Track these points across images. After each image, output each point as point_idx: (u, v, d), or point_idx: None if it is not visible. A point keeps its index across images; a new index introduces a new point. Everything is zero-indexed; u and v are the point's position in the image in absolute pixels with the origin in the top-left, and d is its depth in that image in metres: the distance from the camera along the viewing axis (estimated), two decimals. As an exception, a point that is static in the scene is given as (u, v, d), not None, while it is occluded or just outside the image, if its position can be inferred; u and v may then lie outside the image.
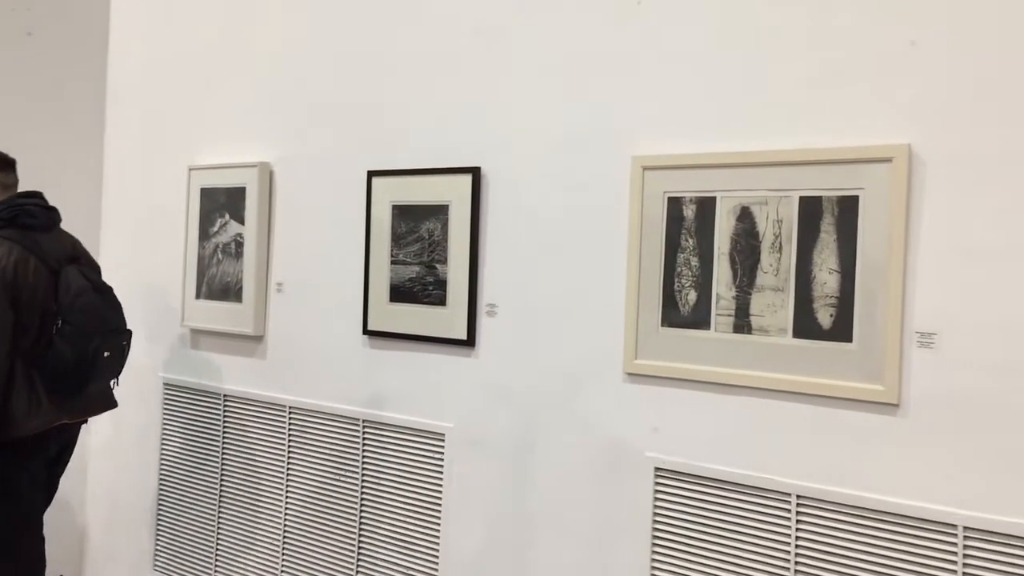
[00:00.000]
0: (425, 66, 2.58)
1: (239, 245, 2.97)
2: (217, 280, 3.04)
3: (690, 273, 2.06)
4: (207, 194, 3.10)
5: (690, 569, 2.06)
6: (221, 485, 3.06)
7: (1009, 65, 1.73)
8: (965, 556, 1.75)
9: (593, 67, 2.26)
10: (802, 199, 1.93)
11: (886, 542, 1.83)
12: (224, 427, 3.06)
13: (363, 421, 2.68)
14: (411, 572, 2.56)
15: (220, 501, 3.06)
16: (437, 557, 2.51)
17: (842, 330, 1.88)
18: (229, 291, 3.00)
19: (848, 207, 1.88)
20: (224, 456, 3.06)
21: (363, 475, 2.68)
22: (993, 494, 1.73)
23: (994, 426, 1.73)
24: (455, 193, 2.47)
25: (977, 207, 1.75)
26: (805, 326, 1.92)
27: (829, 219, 1.90)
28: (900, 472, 1.83)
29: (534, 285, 2.34)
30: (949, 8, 1.79)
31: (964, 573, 1.76)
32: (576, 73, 2.29)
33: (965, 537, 1.75)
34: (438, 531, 2.51)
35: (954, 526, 1.76)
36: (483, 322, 2.44)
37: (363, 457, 2.68)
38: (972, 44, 1.77)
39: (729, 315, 2.01)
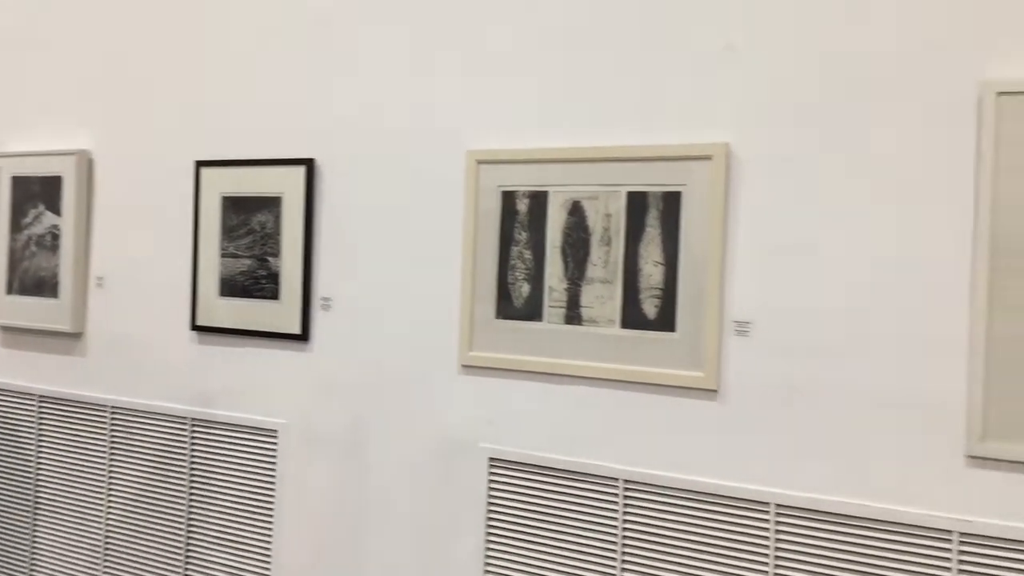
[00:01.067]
0: (258, 53, 2.50)
1: (55, 237, 2.79)
2: (31, 274, 2.84)
3: (523, 266, 2.09)
4: (19, 183, 2.88)
5: (523, 555, 2.10)
6: (36, 492, 2.86)
7: (810, 68, 1.84)
8: (777, 531, 1.85)
9: (429, 60, 2.25)
10: (629, 194, 1.99)
11: (707, 520, 1.93)
12: (40, 430, 2.86)
13: (192, 420, 2.57)
14: (241, 573, 2.47)
15: (35, 509, 2.85)
16: (269, 558, 2.43)
17: (666, 320, 1.95)
18: (44, 286, 2.81)
19: (672, 202, 1.96)
20: (40, 460, 2.85)
21: (192, 475, 2.57)
22: (802, 472, 1.84)
23: (803, 408, 1.84)
24: (288, 185, 2.40)
25: (788, 203, 1.86)
26: (632, 317, 1.98)
27: (654, 214, 1.97)
28: (719, 454, 1.92)
29: (369, 278, 2.32)
30: (765, 12, 1.88)
31: (776, 547, 1.85)
32: (413, 67, 2.27)
33: (777, 513, 1.85)
34: (270, 531, 2.44)
35: (767, 503, 1.86)
36: (317, 316, 2.39)
37: (192, 457, 2.57)
38: (786, 48, 1.86)
39: (561, 307, 2.05)
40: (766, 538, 1.87)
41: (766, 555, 1.87)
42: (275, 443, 2.45)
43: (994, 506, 1.72)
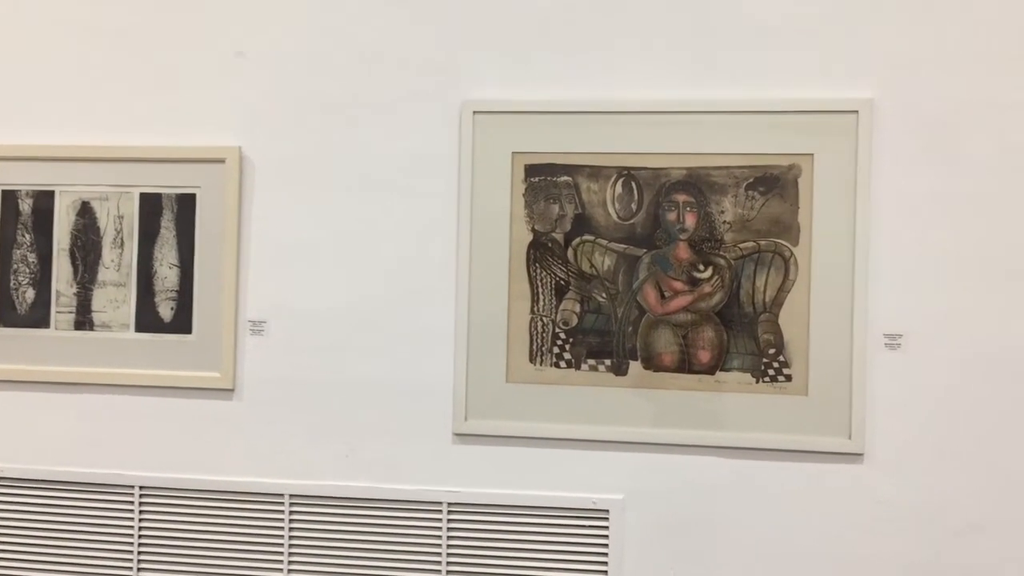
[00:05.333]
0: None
1: None
2: None
3: (28, 270, 1.98)
4: None
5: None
6: None
7: (314, 77, 1.97)
8: (291, 520, 1.92)
9: None
10: (143, 195, 1.97)
11: (227, 517, 1.99)
12: None
13: None
14: None
15: None
16: None
17: (182, 322, 1.96)
18: None
19: (186, 204, 1.96)
20: None
21: None
22: (315, 462, 1.96)
23: (314, 402, 1.94)
24: None
25: (297, 206, 1.97)
26: (147, 320, 1.96)
27: (169, 216, 1.96)
28: (236, 452, 1.96)
29: None
30: (275, 20, 1.94)
31: (291, 535, 1.92)
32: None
33: (291, 504, 1.92)
34: None
35: (282, 495, 1.92)
36: None
37: None
38: (292, 56, 1.96)
39: (70, 312, 1.97)
40: (281, 529, 1.93)
41: (281, 545, 1.93)
42: None
43: (477, 476, 1.92)
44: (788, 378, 1.82)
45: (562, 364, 1.89)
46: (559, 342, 1.89)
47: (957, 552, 1.77)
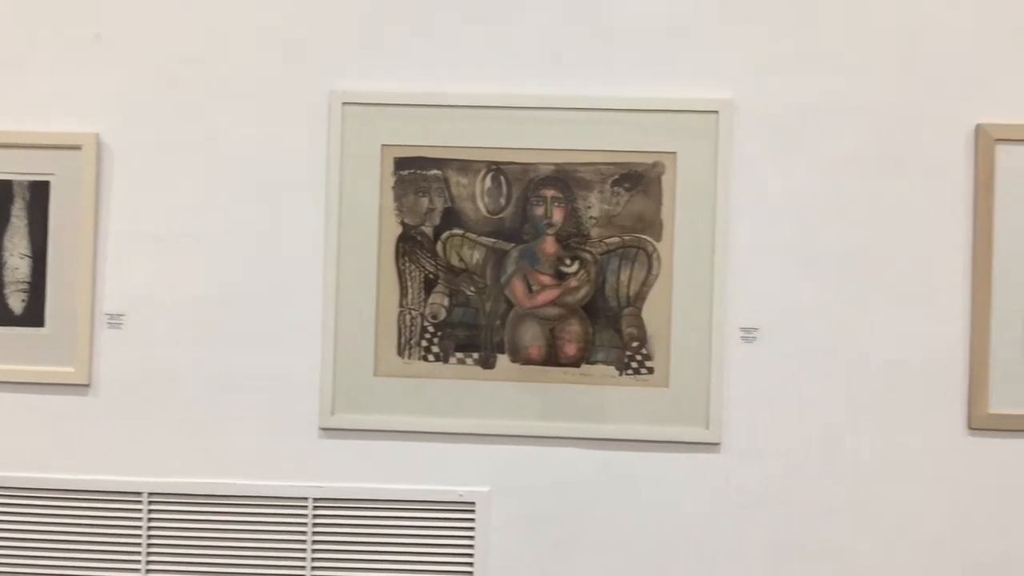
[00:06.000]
0: None
1: None
2: None
3: None
4: None
5: None
6: None
7: (175, 65, 1.93)
8: (150, 519, 1.86)
9: None
10: (-8, 182, 1.87)
11: (82, 516, 1.91)
12: None
13: None
14: None
15: None
16: None
17: (34, 315, 1.88)
18: None
19: (39, 192, 1.89)
20: None
21: None
22: (175, 459, 1.91)
23: (175, 398, 1.88)
24: None
25: (159, 195, 1.92)
26: (-4, 312, 1.87)
27: (20, 204, 1.88)
28: (92, 449, 1.89)
29: None
30: (135, 2, 1.88)
31: (149, 534, 1.86)
32: None
33: (151, 502, 1.86)
34: None
35: (140, 493, 1.86)
36: None
37: None
38: (154, 40, 1.89)
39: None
40: (139, 528, 1.87)
41: (139, 545, 1.87)
42: None
43: (344, 471, 1.90)
44: (650, 370, 1.86)
45: (430, 357, 1.89)
46: (427, 335, 1.89)
47: (812, 534, 1.84)
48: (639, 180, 1.87)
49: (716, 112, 1.86)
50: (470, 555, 1.86)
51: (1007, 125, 1.81)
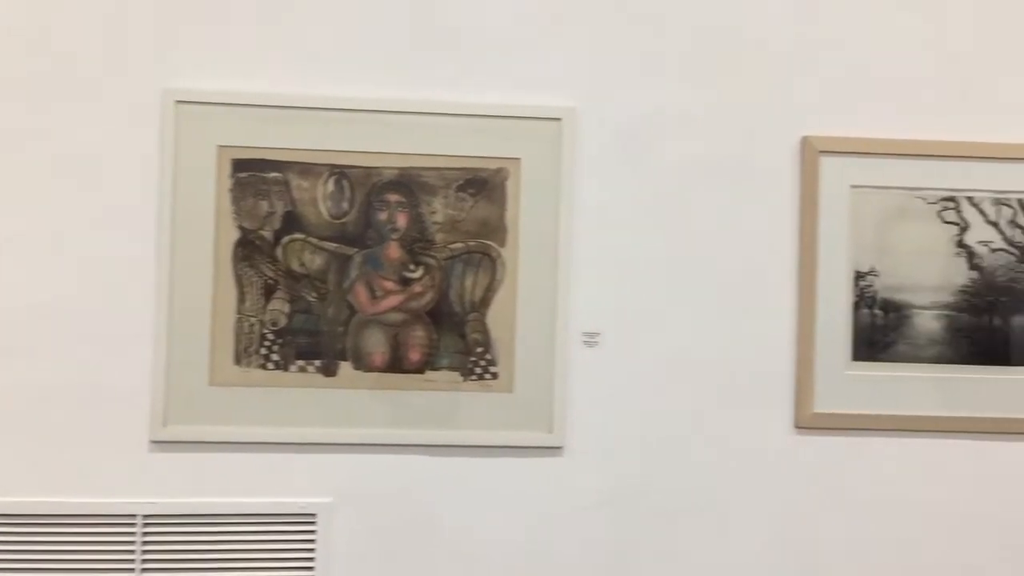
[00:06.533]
0: None
1: None
2: None
3: None
4: None
5: None
6: None
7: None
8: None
9: None
10: None
11: None
12: None
13: None
14: None
15: None
16: None
17: None
18: None
19: None
20: None
21: None
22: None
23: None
24: None
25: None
26: None
27: None
28: None
29: None
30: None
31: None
32: None
33: (-39, 525, 1.73)
34: None
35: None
36: None
37: None
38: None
39: None
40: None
41: (-53, 571, 1.73)
42: None
43: (178, 486, 1.81)
44: (494, 376, 1.86)
45: (270, 365, 1.83)
46: (267, 343, 1.84)
47: (653, 535, 1.88)
48: (484, 185, 1.87)
49: (559, 119, 1.88)
50: (311, 568, 1.81)
51: (830, 138, 1.87)
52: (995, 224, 1.89)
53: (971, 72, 1.93)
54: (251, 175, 1.84)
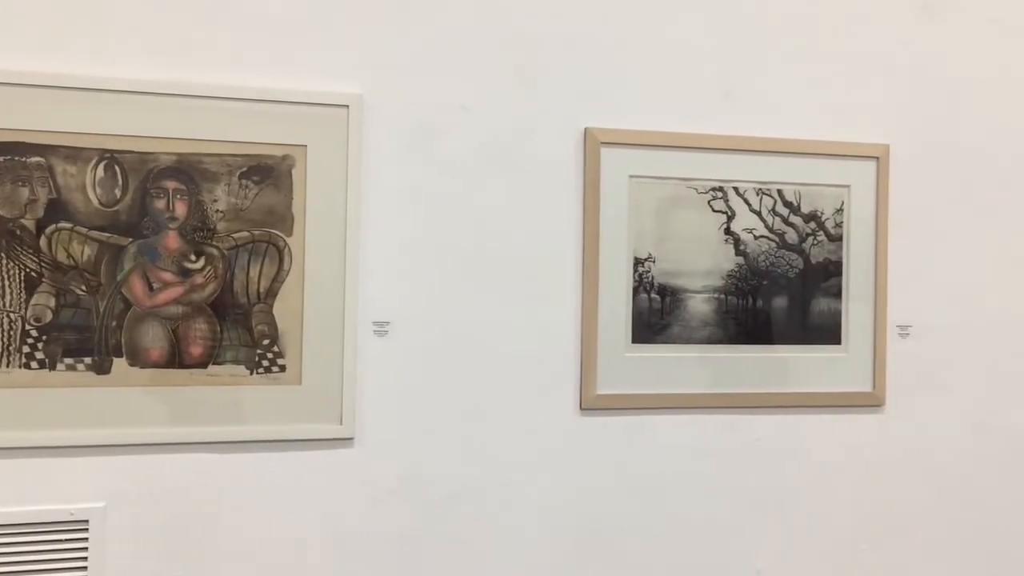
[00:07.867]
0: None
1: None
2: None
3: None
4: None
5: None
6: None
7: None
8: None
9: None
10: None
11: None
12: None
13: None
14: None
15: None
16: None
17: None
18: None
19: None
20: None
21: None
22: None
23: None
24: None
25: None
26: None
27: None
28: None
29: None
30: None
31: None
32: None
33: None
34: None
35: None
36: None
37: None
38: None
39: None
40: None
41: None
42: None
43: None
44: (282, 368, 1.82)
45: (34, 365, 1.71)
46: (30, 340, 1.71)
47: (440, 521, 1.90)
48: (269, 173, 1.82)
49: (346, 106, 1.85)
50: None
51: (611, 130, 1.94)
52: (758, 212, 2.03)
53: (739, 72, 2.05)
54: (9, 159, 1.72)
